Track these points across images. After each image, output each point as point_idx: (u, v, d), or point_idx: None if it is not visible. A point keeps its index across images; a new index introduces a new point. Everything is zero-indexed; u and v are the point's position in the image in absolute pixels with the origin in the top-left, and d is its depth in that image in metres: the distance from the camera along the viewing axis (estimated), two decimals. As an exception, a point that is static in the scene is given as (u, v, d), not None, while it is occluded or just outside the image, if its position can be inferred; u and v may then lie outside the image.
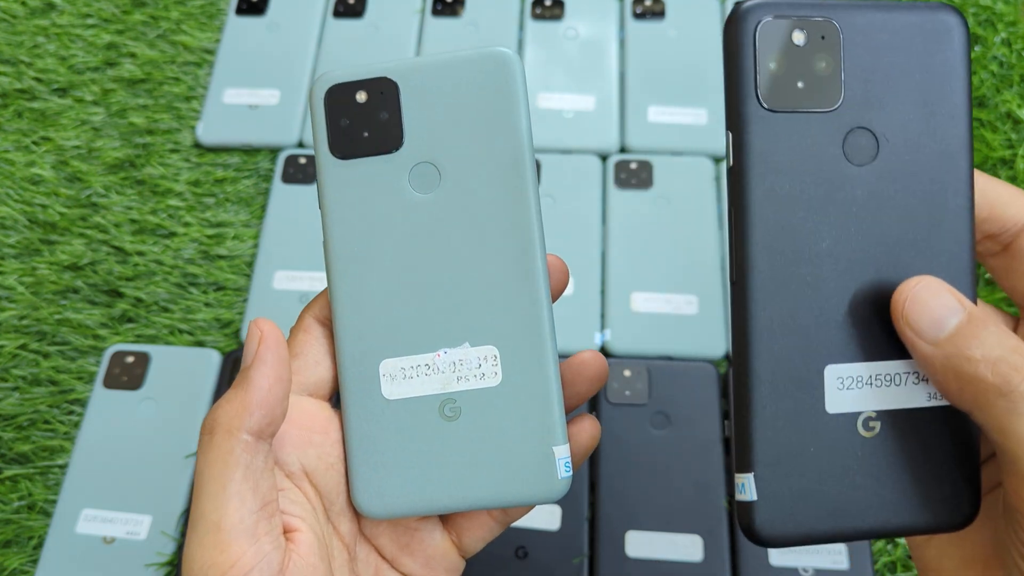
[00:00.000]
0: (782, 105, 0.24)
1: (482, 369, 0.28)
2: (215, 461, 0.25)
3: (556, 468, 0.27)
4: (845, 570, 0.47)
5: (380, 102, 0.28)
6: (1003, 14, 0.66)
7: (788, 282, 0.24)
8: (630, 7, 0.68)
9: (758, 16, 0.24)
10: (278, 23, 0.68)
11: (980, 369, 0.22)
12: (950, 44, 0.24)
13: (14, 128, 0.64)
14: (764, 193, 0.24)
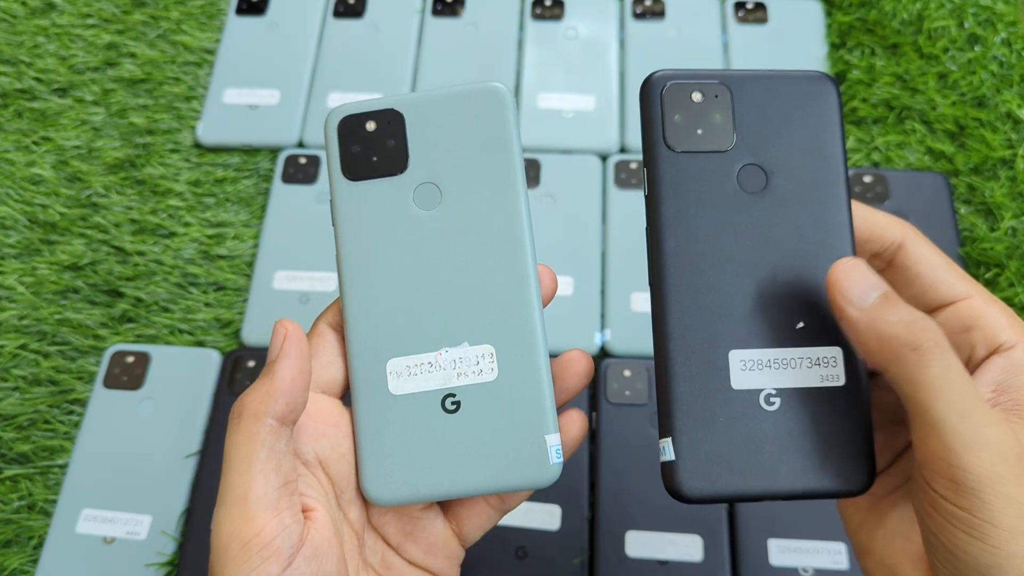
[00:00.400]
0: (685, 147, 0.30)
1: (480, 366, 0.31)
2: (242, 442, 0.27)
3: (548, 455, 0.30)
4: (845, 570, 0.47)
5: (388, 131, 0.32)
6: (1003, 14, 0.66)
7: (695, 284, 0.29)
8: (630, 7, 0.68)
9: (664, 82, 0.30)
10: (278, 23, 0.68)
11: (897, 329, 0.26)
12: (825, 100, 0.30)
13: (14, 128, 0.64)
14: (672, 214, 0.29)
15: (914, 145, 0.62)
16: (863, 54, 0.65)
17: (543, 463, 0.30)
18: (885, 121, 0.62)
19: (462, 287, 0.31)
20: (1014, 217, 0.58)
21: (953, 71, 0.63)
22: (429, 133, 0.32)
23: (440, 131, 0.32)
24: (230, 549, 0.26)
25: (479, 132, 0.31)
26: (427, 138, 0.32)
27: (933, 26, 0.65)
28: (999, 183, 0.59)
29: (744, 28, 0.67)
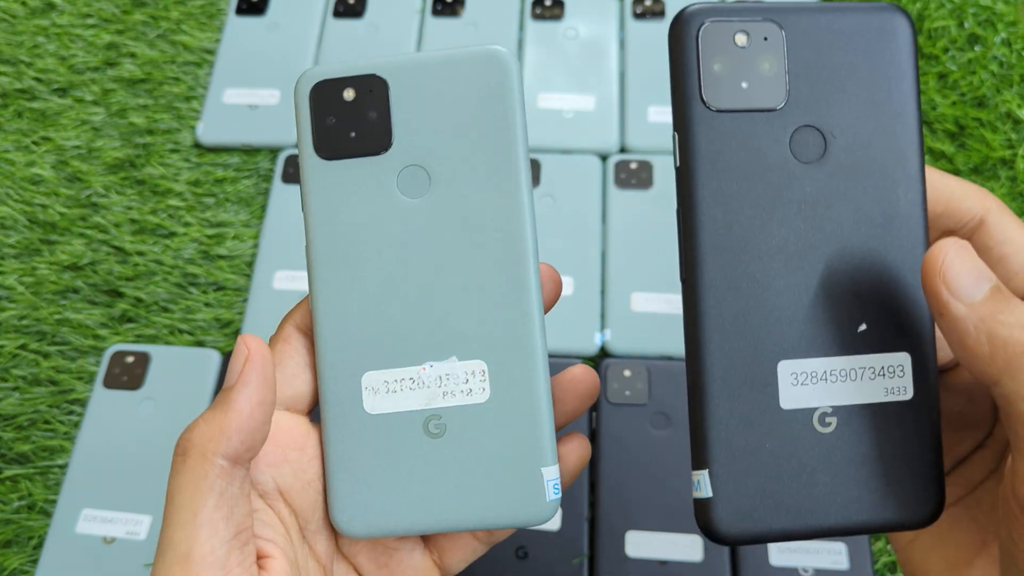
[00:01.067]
0: (727, 105, 0.24)
1: (469, 385, 0.26)
2: (186, 485, 0.24)
3: (544, 490, 0.26)
4: (845, 570, 0.47)
5: (369, 100, 0.26)
6: (1003, 14, 0.66)
7: (738, 280, 0.24)
8: (630, 7, 0.68)
9: (700, 20, 0.24)
10: (278, 23, 0.68)
11: (1016, 333, 0.21)
12: (896, 42, 0.24)
13: (14, 128, 0.64)
14: (711, 192, 0.24)
15: (914, 145, 0.61)
16: (863, 54, 0.65)
17: (538, 499, 0.27)
18: (885, 121, 0.62)
19: (451, 291, 0.26)
20: (1014, 217, 0.58)
21: (953, 71, 0.63)
22: (418, 105, 0.26)
23: (431, 103, 0.26)
24: None
25: (477, 106, 0.26)
26: (415, 111, 0.27)
27: (933, 26, 0.65)
28: (999, 183, 0.59)
29: (744, 28, 0.67)
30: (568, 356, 0.54)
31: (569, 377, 0.27)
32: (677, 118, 0.25)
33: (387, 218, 0.27)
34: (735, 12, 0.24)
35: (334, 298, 0.27)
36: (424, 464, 0.26)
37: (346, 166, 0.27)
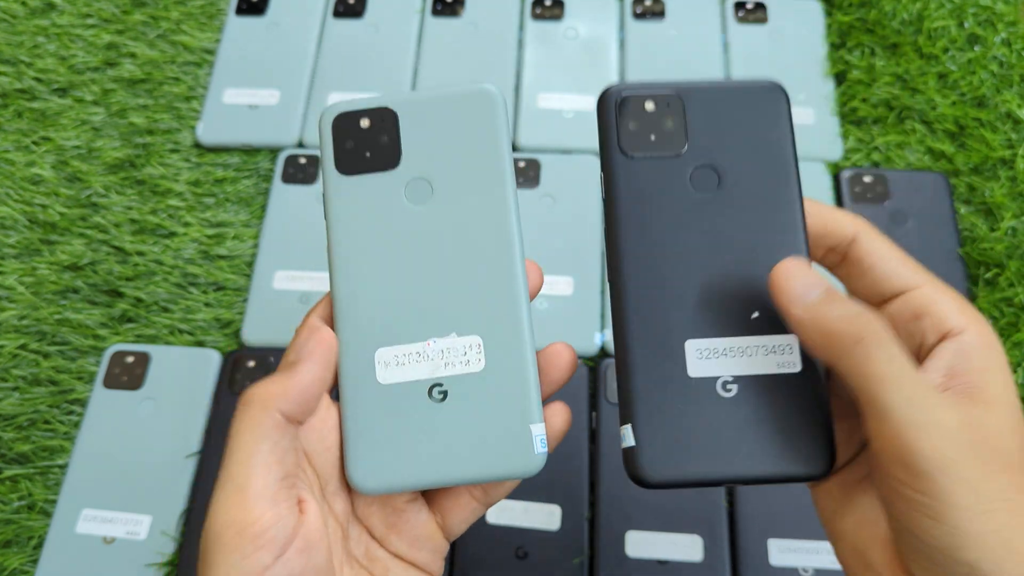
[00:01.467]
0: (639, 152, 0.31)
1: (467, 356, 0.31)
2: (247, 430, 0.28)
3: (533, 443, 0.31)
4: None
5: (381, 127, 0.33)
6: (1003, 14, 0.66)
7: (651, 278, 0.30)
8: (630, 7, 0.68)
9: (619, 93, 0.32)
10: (278, 23, 0.68)
11: (840, 324, 0.27)
12: (774, 103, 0.31)
13: (14, 128, 0.64)
14: (627, 214, 0.31)
15: (914, 145, 0.62)
16: (863, 54, 0.65)
17: (528, 452, 0.30)
18: (885, 121, 0.62)
19: (451, 279, 0.31)
20: (1014, 217, 0.58)
21: (953, 71, 0.63)
22: (422, 131, 0.33)
23: (433, 129, 0.33)
24: (224, 536, 0.27)
25: (470, 131, 0.32)
26: (420, 136, 0.33)
27: (933, 26, 0.65)
28: (999, 183, 0.59)
29: (744, 28, 0.67)
30: (568, 356, 0.54)
31: (552, 351, 0.32)
32: (603, 163, 0.31)
33: (396, 221, 0.32)
34: (646, 87, 0.32)
35: (351, 288, 0.32)
36: (429, 426, 0.31)
37: (362, 180, 0.32)
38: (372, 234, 0.32)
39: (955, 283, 0.55)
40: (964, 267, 0.56)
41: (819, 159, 0.61)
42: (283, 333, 0.55)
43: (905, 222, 0.58)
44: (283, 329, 0.55)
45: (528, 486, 0.50)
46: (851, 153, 0.62)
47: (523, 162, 0.61)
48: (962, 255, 0.57)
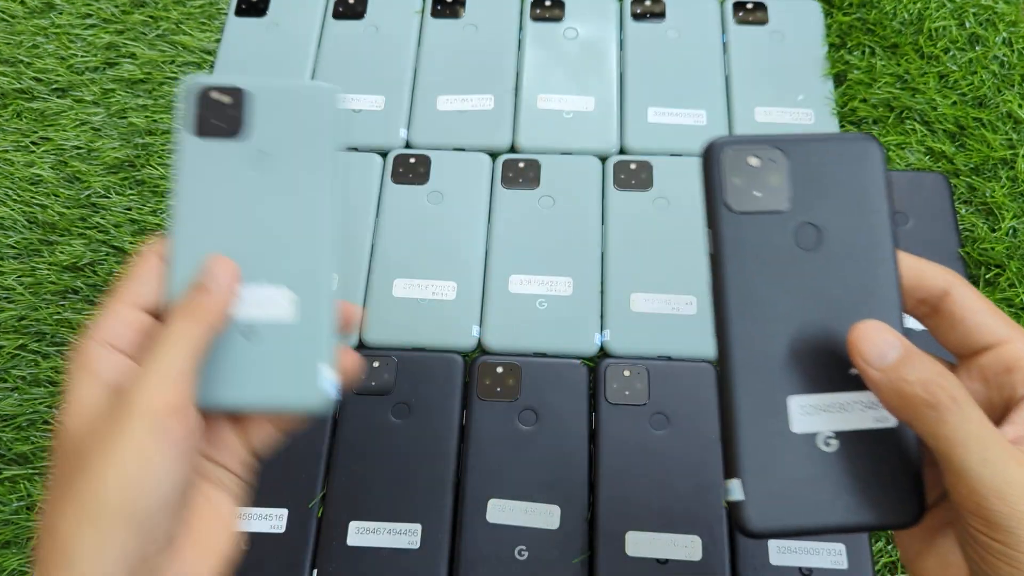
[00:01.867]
0: (745, 208, 0.32)
1: (278, 304, 0.37)
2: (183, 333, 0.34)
3: (323, 383, 0.35)
4: (845, 570, 0.47)
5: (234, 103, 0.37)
6: (1004, 14, 0.66)
7: (756, 335, 0.32)
8: (630, 8, 0.68)
9: (724, 147, 0.32)
10: (278, 24, 0.68)
11: (915, 388, 0.28)
12: (871, 160, 0.32)
13: (14, 128, 0.64)
14: (735, 271, 0.32)
15: (914, 145, 0.61)
16: (863, 54, 0.65)
17: (318, 390, 0.35)
18: (885, 121, 0.62)
19: (275, 239, 0.37)
20: (1015, 217, 0.58)
21: (954, 71, 0.63)
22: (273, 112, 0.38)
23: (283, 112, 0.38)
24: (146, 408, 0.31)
25: (309, 116, 0.38)
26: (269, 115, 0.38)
27: (933, 26, 0.65)
28: (1000, 183, 0.59)
29: (744, 28, 0.67)
30: (568, 356, 0.54)
31: (346, 310, 0.37)
32: (709, 217, 0.33)
33: (238, 185, 0.37)
34: (749, 141, 0.33)
35: (189, 233, 0.37)
36: (241, 359, 0.36)
37: (212, 144, 0.37)
38: (214, 194, 0.37)
39: (955, 283, 0.55)
40: (964, 267, 0.56)
41: (819, 159, 0.61)
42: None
43: (905, 222, 0.58)
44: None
45: (528, 486, 0.50)
46: (851, 153, 0.61)
47: (523, 162, 0.61)
48: (962, 255, 0.57)
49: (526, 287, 0.56)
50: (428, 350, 0.55)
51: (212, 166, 0.38)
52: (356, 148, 0.63)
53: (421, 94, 0.64)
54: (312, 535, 0.49)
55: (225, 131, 0.38)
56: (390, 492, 0.50)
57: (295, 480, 0.50)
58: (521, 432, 0.51)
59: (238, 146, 0.38)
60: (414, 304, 0.56)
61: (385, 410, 0.52)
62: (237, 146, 0.38)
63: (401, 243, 0.58)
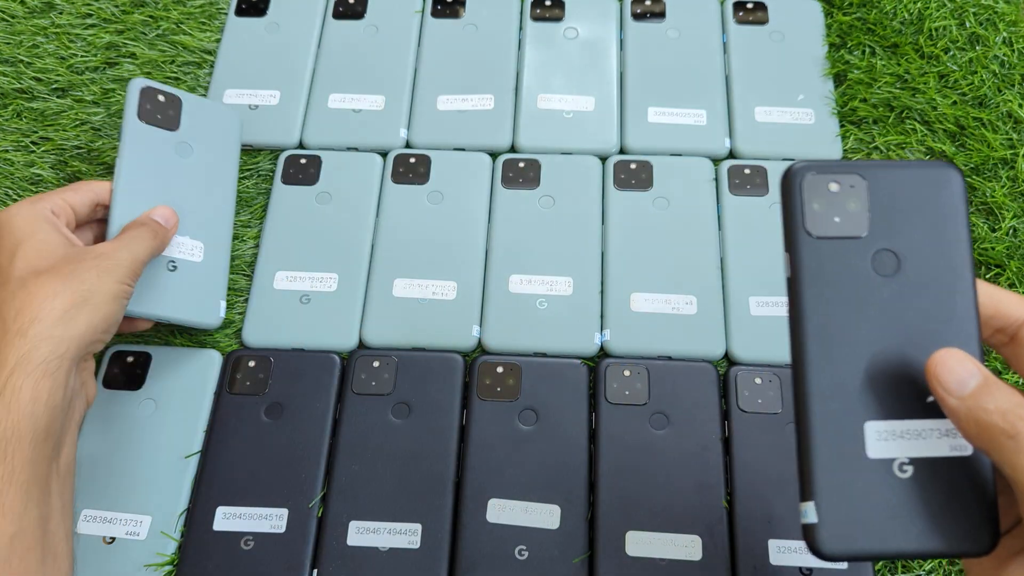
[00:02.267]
0: (824, 233, 0.32)
1: (194, 251, 0.53)
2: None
3: (218, 309, 0.54)
4: (844, 570, 0.47)
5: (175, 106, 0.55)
6: (1004, 14, 0.66)
7: (833, 360, 0.32)
8: (630, 7, 0.68)
9: (804, 173, 0.33)
10: (278, 24, 0.68)
11: (994, 418, 0.28)
12: (950, 188, 0.32)
13: (14, 128, 0.64)
14: (813, 296, 0.32)
15: (914, 145, 0.61)
16: (863, 54, 0.65)
17: (214, 313, 0.54)
18: (885, 121, 0.62)
19: (191, 205, 0.53)
20: (1015, 217, 0.58)
21: (954, 71, 0.63)
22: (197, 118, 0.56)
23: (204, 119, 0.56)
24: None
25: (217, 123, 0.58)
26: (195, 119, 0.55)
27: (934, 26, 0.65)
28: (1000, 183, 0.59)
29: (744, 28, 0.67)
30: (568, 356, 0.54)
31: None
32: (787, 242, 0.33)
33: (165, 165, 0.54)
34: (829, 167, 0.33)
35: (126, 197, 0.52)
36: (164, 284, 0.51)
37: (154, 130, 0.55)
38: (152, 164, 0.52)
39: (955, 283, 0.55)
40: (964, 267, 0.56)
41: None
42: (284, 333, 0.55)
43: (905, 222, 0.58)
44: (284, 329, 0.55)
45: (528, 486, 0.50)
46: (851, 153, 0.62)
47: (523, 162, 0.61)
48: (962, 255, 0.57)
49: (526, 287, 0.56)
50: (428, 350, 0.55)
51: (150, 146, 0.53)
52: (356, 148, 0.63)
53: (421, 94, 0.64)
54: (312, 535, 0.49)
55: (162, 123, 0.53)
56: (390, 492, 0.50)
57: (295, 480, 0.50)
58: (521, 432, 0.51)
59: (170, 135, 0.54)
60: (414, 304, 0.56)
61: (385, 410, 0.52)
62: (170, 135, 0.54)
63: (401, 243, 0.58)
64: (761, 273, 0.56)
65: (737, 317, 0.55)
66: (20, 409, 0.38)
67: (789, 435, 0.51)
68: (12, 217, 0.44)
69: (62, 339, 0.41)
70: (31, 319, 0.40)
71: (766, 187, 0.59)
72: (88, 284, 0.42)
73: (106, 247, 0.45)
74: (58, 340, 0.40)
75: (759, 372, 0.53)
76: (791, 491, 0.49)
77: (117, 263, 0.44)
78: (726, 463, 0.51)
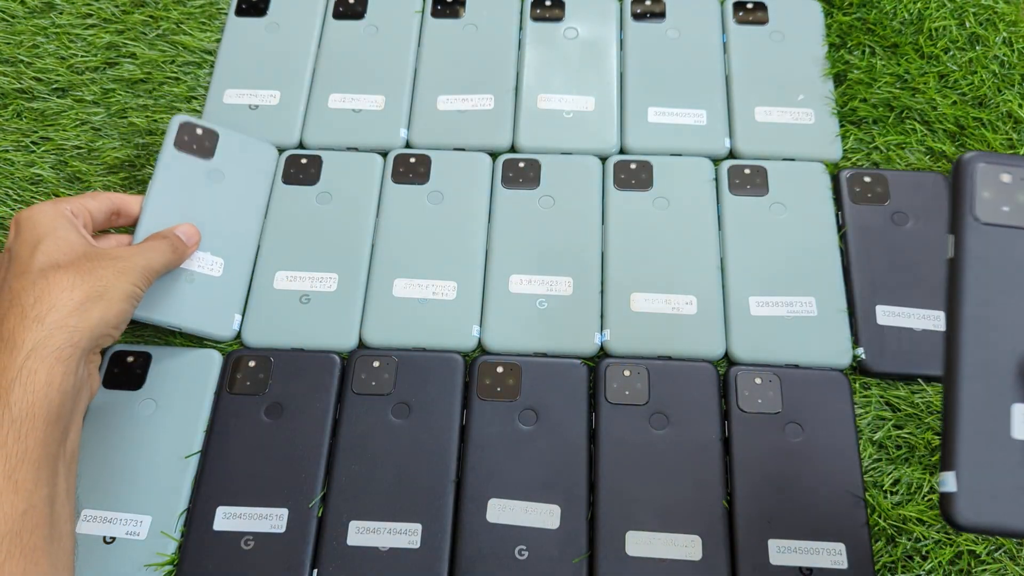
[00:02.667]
0: (991, 220, 0.34)
1: (212, 266, 0.56)
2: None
3: (231, 323, 0.56)
4: (844, 570, 0.47)
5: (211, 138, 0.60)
6: (1004, 14, 0.66)
7: (988, 340, 0.33)
8: (630, 8, 0.68)
9: (978, 161, 0.34)
10: (278, 24, 0.68)
11: None
12: None
13: (14, 128, 0.64)
14: (973, 278, 0.33)
15: (914, 145, 0.61)
16: (863, 54, 0.65)
17: (227, 326, 0.55)
18: (885, 121, 0.62)
19: (217, 225, 0.57)
20: (1014, 217, 0.58)
21: (954, 71, 0.63)
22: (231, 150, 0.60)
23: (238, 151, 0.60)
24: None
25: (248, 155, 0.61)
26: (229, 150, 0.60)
27: (934, 26, 0.65)
28: (999, 183, 0.59)
29: (744, 28, 0.67)
30: (568, 356, 0.54)
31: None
32: (953, 224, 0.34)
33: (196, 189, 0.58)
34: (1003, 159, 0.34)
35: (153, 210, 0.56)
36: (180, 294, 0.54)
37: (188, 157, 0.59)
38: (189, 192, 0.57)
39: (955, 283, 0.55)
40: (964, 267, 0.56)
41: (819, 159, 0.61)
42: (284, 333, 0.55)
43: (905, 222, 0.58)
44: (284, 329, 0.55)
45: (528, 486, 0.50)
46: (851, 153, 0.62)
47: (523, 162, 0.61)
48: (962, 255, 0.57)
49: (526, 287, 0.56)
50: (428, 350, 0.55)
51: (182, 170, 0.57)
52: (356, 148, 0.63)
53: (421, 94, 0.64)
54: (312, 535, 0.49)
55: (197, 152, 0.58)
56: (390, 492, 0.50)
57: (295, 480, 0.50)
58: (521, 432, 0.51)
59: (204, 162, 0.58)
60: (414, 304, 0.56)
61: (385, 410, 0.52)
62: (203, 162, 0.58)
63: (401, 243, 0.58)
64: (761, 273, 0.56)
65: (737, 317, 0.55)
66: (36, 391, 0.40)
67: (789, 435, 0.51)
68: (35, 213, 0.47)
69: (76, 328, 0.43)
70: (49, 307, 0.42)
71: (766, 187, 0.59)
72: (104, 281, 0.45)
73: (125, 251, 0.48)
74: (72, 329, 0.42)
75: (759, 372, 0.53)
76: (791, 491, 0.49)
77: (133, 266, 0.47)
78: (726, 463, 0.51)
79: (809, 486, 0.50)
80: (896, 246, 0.57)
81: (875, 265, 0.56)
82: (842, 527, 0.48)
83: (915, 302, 0.55)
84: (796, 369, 0.53)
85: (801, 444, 0.51)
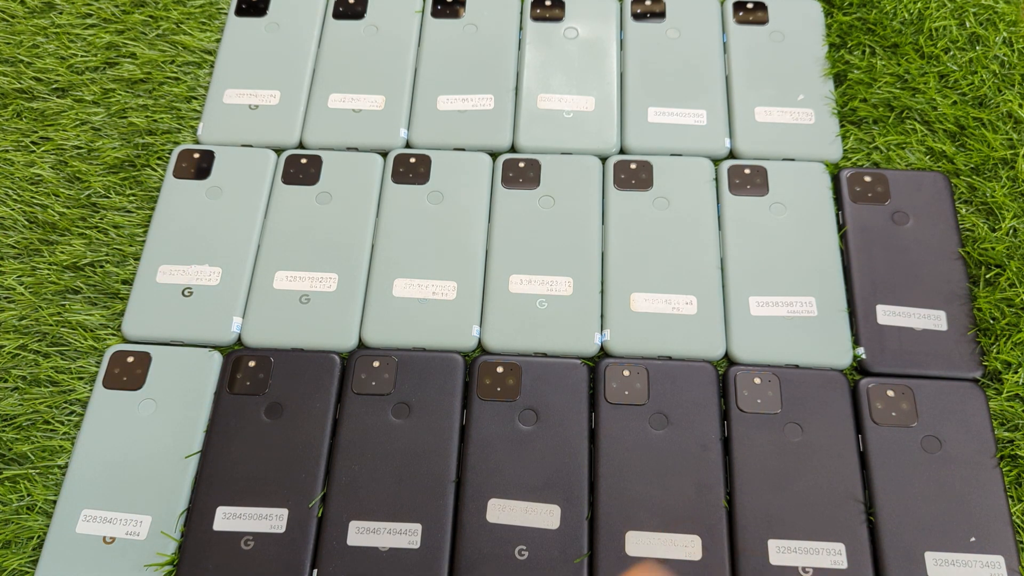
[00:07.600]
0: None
1: (211, 276, 0.57)
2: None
3: (232, 328, 0.56)
4: (845, 570, 0.47)
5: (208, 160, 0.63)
6: (1004, 14, 0.66)
7: None
8: (630, 8, 0.68)
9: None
10: (278, 23, 0.68)
11: None
12: None
13: (14, 128, 0.64)
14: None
15: (914, 145, 0.61)
16: (863, 54, 0.65)
17: (228, 332, 0.56)
18: (885, 121, 0.62)
19: (216, 239, 0.59)
20: (1015, 217, 0.58)
21: (954, 71, 0.63)
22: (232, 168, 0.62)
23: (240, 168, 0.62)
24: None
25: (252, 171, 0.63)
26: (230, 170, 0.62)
27: (934, 26, 0.65)
28: (1000, 183, 0.59)
29: (744, 28, 0.67)
30: (568, 356, 0.54)
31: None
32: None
33: (198, 208, 0.61)
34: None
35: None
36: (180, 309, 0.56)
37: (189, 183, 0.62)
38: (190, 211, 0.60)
39: (955, 283, 0.55)
40: (964, 267, 0.56)
41: (819, 159, 0.61)
42: (284, 333, 0.55)
43: (905, 222, 0.58)
44: (284, 329, 0.55)
45: (528, 486, 0.50)
46: (851, 153, 0.62)
47: (523, 162, 0.61)
48: (962, 255, 0.57)
49: (526, 287, 0.56)
50: (428, 350, 0.55)
51: (183, 193, 0.60)
52: (356, 148, 0.63)
53: (421, 94, 0.64)
54: (312, 535, 0.49)
55: (195, 175, 0.61)
56: (390, 492, 0.50)
57: (295, 480, 0.50)
58: (521, 432, 0.51)
59: (200, 183, 0.61)
60: (414, 304, 0.56)
61: (385, 410, 0.52)
62: (200, 183, 0.61)
63: (401, 243, 0.58)
64: (761, 273, 0.56)
65: (737, 317, 0.55)
66: None
67: (789, 435, 0.51)
68: None
69: None
70: None
71: (766, 187, 0.59)
72: None
73: None
74: None
75: (758, 372, 0.53)
76: (791, 491, 0.49)
77: None
78: (726, 463, 0.51)
79: (809, 486, 0.50)
80: (896, 246, 0.57)
81: (875, 265, 0.56)
82: (842, 527, 0.48)
83: (916, 301, 0.55)
84: (795, 369, 0.53)
85: (801, 444, 0.51)
